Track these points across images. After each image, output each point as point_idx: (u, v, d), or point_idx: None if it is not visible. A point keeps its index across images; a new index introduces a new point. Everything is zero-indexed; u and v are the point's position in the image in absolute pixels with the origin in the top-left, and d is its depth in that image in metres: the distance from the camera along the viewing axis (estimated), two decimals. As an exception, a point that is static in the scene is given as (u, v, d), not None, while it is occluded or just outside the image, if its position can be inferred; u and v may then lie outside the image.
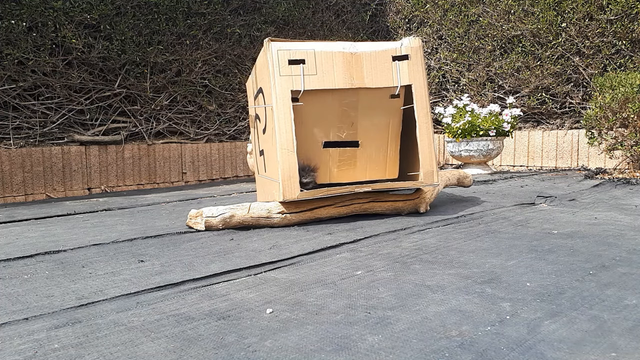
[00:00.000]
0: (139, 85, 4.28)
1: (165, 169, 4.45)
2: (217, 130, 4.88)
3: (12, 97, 3.66)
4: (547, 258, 1.64)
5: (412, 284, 1.41)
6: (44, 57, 3.72)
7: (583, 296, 1.27)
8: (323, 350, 1.00)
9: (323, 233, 2.16)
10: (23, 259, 1.83)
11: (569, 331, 1.06)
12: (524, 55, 5.14)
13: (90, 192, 4.00)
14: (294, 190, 2.26)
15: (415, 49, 2.43)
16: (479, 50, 5.49)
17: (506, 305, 1.22)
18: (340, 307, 1.24)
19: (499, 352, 0.97)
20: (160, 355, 1.00)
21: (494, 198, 3.08)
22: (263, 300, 1.31)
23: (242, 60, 4.99)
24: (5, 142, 3.66)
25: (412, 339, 1.04)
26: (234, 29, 4.82)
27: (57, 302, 1.33)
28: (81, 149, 3.96)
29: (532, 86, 5.12)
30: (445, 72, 5.84)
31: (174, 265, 1.68)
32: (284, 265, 1.65)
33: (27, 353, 1.02)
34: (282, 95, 2.27)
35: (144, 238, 2.13)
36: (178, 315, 1.22)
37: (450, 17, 5.67)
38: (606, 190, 3.29)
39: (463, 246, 1.85)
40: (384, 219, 2.45)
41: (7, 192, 3.59)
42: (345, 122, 2.43)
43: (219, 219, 2.23)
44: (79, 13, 3.83)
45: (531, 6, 5.05)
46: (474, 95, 5.58)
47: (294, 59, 2.29)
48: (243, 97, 5.04)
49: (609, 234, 1.98)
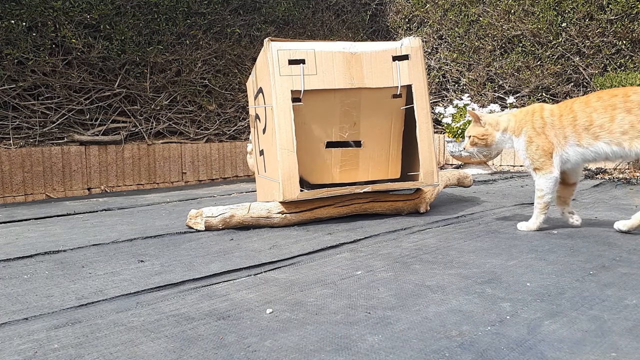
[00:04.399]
0: (139, 85, 4.28)
1: (165, 169, 4.45)
2: (217, 130, 4.88)
3: (12, 97, 3.66)
4: (547, 258, 1.64)
5: (412, 284, 1.41)
6: (43, 57, 3.71)
7: (583, 296, 1.27)
8: (323, 350, 1.00)
9: (323, 233, 2.15)
10: (23, 259, 1.83)
11: (569, 331, 1.06)
12: (524, 55, 5.14)
13: (90, 192, 4.00)
14: (294, 190, 2.26)
15: (415, 49, 2.43)
16: (479, 50, 5.49)
17: (506, 305, 1.22)
18: (340, 307, 1.24)
19: (499, 352, 0.97)
20: (160, 355, 1.00)
21: (494, 198, 3.08)
22: (263, 300, 1.31)
23: (242, 60, 4.99)
24: (5, 142, 3.65)
25: (412, 339, 1.04)
26: (233, 28, 4.82)
27: (57, 302, 1.33)
28: (81, 149, 3.96)
29: (533, 86, 5.12)
30: (446, 72, 5.84)
31: (173, 265, 1.68)
32: (284, 265, 1.65)
33: (27, 353, 1.02)
34: (282, 95, 2.27)
35: (143, 238, 2.13)
36: (178, 315, 1.21)
37: (451, 17, 5.67)
38: (606, 190, 3.28)
39: (463, 246, 1.85)
40: (384, 219, 2.45)
41: (7, 192, 3.59)
42: (348, 122, 2.43)
43: (219, 219, 2.23)
44: (79, 13, 3.83)
45: (531, 6, 5.05)
46: (474, 95, 5.58)
47: (294, 58, 2.29)
48: (243, 97, 5.04)
49: (609, 234, 1.98)
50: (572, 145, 1.92)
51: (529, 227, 2.07)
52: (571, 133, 1.91)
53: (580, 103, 1.92)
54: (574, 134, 1.91)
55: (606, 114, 1.84)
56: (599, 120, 1.85)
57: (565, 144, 1.93)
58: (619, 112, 1.82)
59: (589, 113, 1.88)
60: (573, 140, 1.91)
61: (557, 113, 1.97)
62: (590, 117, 1.87)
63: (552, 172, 1.96)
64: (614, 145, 1.84)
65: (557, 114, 1.96)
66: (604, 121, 1.84)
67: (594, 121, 1.86)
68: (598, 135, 1.86)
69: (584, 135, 1.88)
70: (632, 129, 1.80)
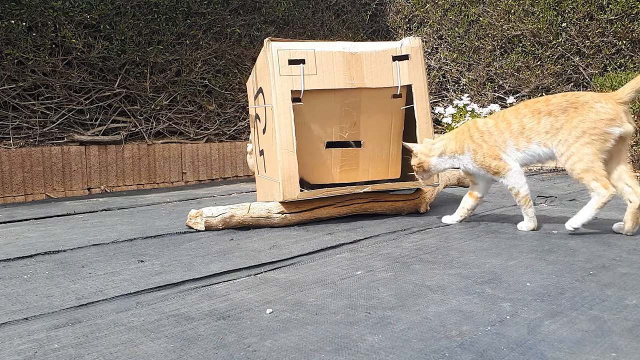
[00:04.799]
0: (139, 85, 4.28)
1: (165, 169, 4.45)
2: (217, 130, 4.88)
3: (12, 97, 3.66)
4: (547, 258, 1.64)
5: (412, 284, 1.41)
6: (43, 57, 3.71)
7: (583, 296, 1.27)
8: (323, 350, 1.00)
9: (323, 233, 2.15)
10: (23, 259, 1.83)
11: (569, 331, 1.06)
12: (524, 55, 5.14)
13: (90, 192, 4.00)
14: (294, 190, 2.26)
15: (415, 49, 2.43)
16: (479, 50, 5.49)
17: (506, 305, 1.22)
18: (340, 307, 1.24)
19: (499, 352, 0.97)
20: (160, 355, 1.00)
21: (494, 198, 3.08)
22: (263, 300, 1.31)
23: (242, 60, 4.99)
24: (5, 142, 3.65)
25: (412, 339, 1.04)
26: (233, 28, 4.81)
27: (57, 302, 1.33)
28: (81, 149, 3.96)
29: (533, 86, 5.12)
30: (446, 72, 5.84)
31: (173, 265, 1.68)
32: (284, 266, 1.65)
33: (27, 353, 1.02)
34: (282, 95, 2.27)
35: (143, 238, 2.13)
36: (178, 315, 1.21)
37: (450, 17, 5.67)
38: (606, 190, 3.28)
39: (463, 246, 1.85)
40: (384, 219, 2.45)
41: (7, 192, 3.59)
42: (348, 122, 2.43)
43: (219, 219, 2.23)
44: (79, 13, 3.83)
45: (531, 6, 5.05)
46: (474, 95, 5.58)
47: (294, 58, 2.29)
48: (243, 97, 5.03)
49: (609, 234, 1.98)
50: (512, 149, 2.06)
51: (528, 226, 2.10)
52: (509, 137, 2.06)
53: (512, 111, 2.09)
54: (512, 138, 2.05)
55: (534, 118, 2.01)
56: (529, 124, 2.02)
57: (506, 147, 2.07)
58: (543, 115, 2.00)
59: (520, 119, 2.04)
60: (512, 144, 2.05)
61: (491, 122, 2.12)
62: (522, 122, 2.03)
63: (511, 168, 2.06)
64: (542, 146, 2.00)
65: (492, 123, 2.12)
66: (533, 124, 2.01)
67: (525, 125, 2.02)
68: (530, 138, 2.01)
69: (520, 139, 2.03)
70: (552, 128, 1.97)
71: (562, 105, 1.96)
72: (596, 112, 1.89)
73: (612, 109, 1.89)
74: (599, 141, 1.88)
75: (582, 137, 1.89)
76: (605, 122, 1.88)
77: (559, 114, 1.96)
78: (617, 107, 1.90)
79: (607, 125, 1.88)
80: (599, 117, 1.88)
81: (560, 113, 1.96)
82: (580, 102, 1.93)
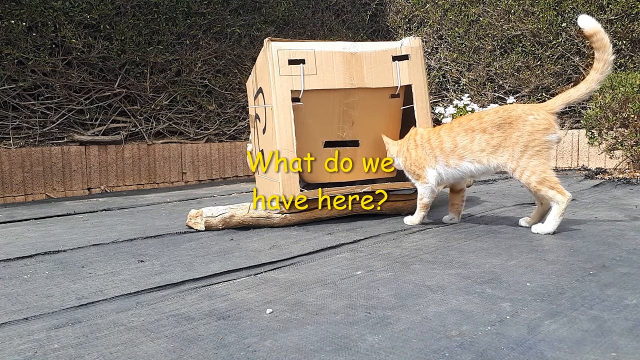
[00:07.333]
0: (139, 85, 4.28)
1: (165, 169, 4.45)
2: (217, 130, 4.88)
3: (12, 97, 3.66)
4: (547, 258, 1.64)
5: (412, 284, 1.41)
6: (43, 57, 3.71)
7: (583, 296, 1.27)
8: (323, 350, 1.00)
9: (323, 233, 2.15)
10: (23, 259, 1.83)
11: (569, 331, 1.06)
12: (524, 55, 5.14)
13: (90, 192, 4.00)
14: (294, 190, 2.26)
15: (415, 49, 2.43)
16: (479, 50, 5.49)
17: (506, 305, 1.22)
18: (340, 307, 1.24)
19: (499, 352, 0.97)
20: (160, 355, 1.00)
21: (494, 198, 3.08)
22: (263, 300, 1.31)
23: (242, 60, 4.99)
24: (5, 142, 3.65)
25: (412, 338, 1.04)
26: (233, 28, 4.81)
27: (57, 302, 1.33)
28: (81, 149, 3.96)
29: (533, 86, 5.12)
30: (446, 72, 5.84)
31: (173, 265, 1.68)
32: (284, 266, 1.65)
33: (27, 353, 1.02)
34: (282, 95, 2.27)
35: (143, 238, 2.13)
36: (178, 315, 1.21)
37: (450, 17, 5.67)
38: (606, 190, 3.28)
39: (463, 246, 1.85)
40: (384, 219, 2.45)
41: (7, 192, 3.59)
42: (346, 121, 2.43)
43: (219, 219, 2.23)
44: (79, 13, 3.83)
45: (531, 6, 5.05)
46: (474, 95, 5.58)
47: (294, 58, 2.29)
48: (243, 97, 5.03)
49: (609, 234, 1.98)
50: (442, 166, 2.14)
51: (412, 221, 2.26)
52: (440, 155, 2.13)
53: (446, 129, 2.15)
54: (442, 156, 2.13)
55: (467, 137, 2.06)
56: (462, 143, 2.07)
57: (435, 163, 2.15)
58: (477, 133, 2.04)
59: (453, 137, 2.10)
60: (442, 161, 2.13)
61: (426, 137, 2.21)
62: (455, 141, 2.09)
63: (427, 182, 2.18)
64: (476, 163, 2.06)
65: (426, 138, 2.20)
66: (466, 143, 2.06)
67: (458, 144, 2.08)
68: (463, 155, 2.07)
69: (451, 157, 2.10)
70: (487, 146, 2.02)
71: (496, 122, 2.01)
72: (531, 124, 1.96)
73: (544, 119, 1.96)
74: (543, 150, 1.96)
75: (527, 150, 1.95)
76: (542, 132, 1.95)
77: (494, 131, 2.01)
78: (549, 117, 1.97)
79: (544, 134, 1.95)
80: (535, 128, 1.95)
81: (495, 130, 2.00)
82: (513, 117, 1.98)
